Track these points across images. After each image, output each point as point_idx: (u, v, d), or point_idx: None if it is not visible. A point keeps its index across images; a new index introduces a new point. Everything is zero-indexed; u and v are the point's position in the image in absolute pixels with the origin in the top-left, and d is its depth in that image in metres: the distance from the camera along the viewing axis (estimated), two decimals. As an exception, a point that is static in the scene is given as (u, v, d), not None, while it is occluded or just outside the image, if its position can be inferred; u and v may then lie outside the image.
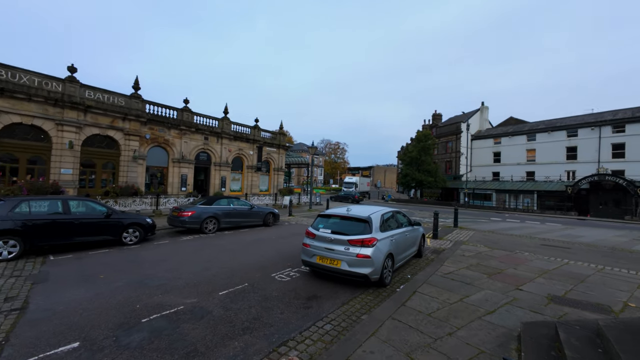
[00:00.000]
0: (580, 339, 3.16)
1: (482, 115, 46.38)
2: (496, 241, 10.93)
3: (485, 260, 7.87)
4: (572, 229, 16.75)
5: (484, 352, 3.43)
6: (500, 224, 17.74)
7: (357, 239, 5.59)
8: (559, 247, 10.15)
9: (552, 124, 36.82)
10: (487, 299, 5.13)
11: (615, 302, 5.06)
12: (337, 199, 37.74)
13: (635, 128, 30.06)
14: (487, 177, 41.32)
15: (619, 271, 7.14)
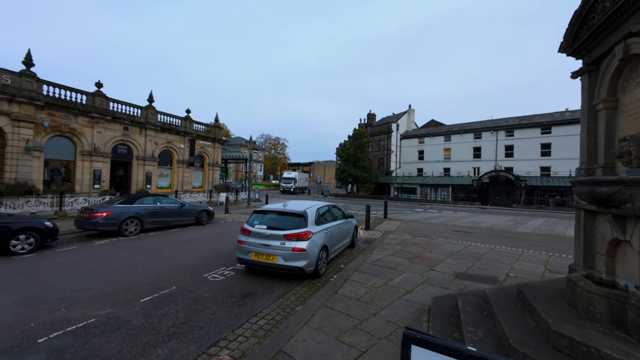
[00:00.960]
0: (473, 306, 3.85)
1: (409, 117, 51.28)
2: (418, 229, 12.35)
3: (408, 246, 8.85)
4: (475, 216, 19.94)
5: (402, 327, 3.90)
6: (422, 214, 20.05)
7: (293, 234, 5.70)
8: (465, 232, 12.01)
9: (463, 127, 42.83)
10: (407, 280, 5.80)
11: (500, 274, 6.26)
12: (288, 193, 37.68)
13: (521, 133, 37.08)
14: (413, 173, 46.02)
15: (505, 249, 8.82)
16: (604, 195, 2.80)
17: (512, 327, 2.93)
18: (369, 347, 3.38)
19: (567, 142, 31.87)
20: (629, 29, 2.70)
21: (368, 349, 3.33)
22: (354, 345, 3.42)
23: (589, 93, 3.46)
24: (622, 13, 2.73)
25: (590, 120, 3.44)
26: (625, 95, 3.04)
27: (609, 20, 2.91)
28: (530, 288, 3.66)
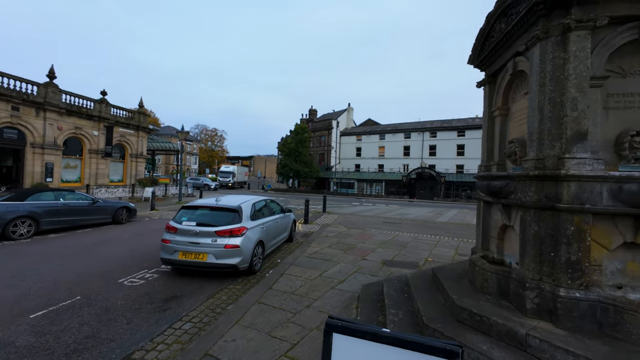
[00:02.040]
0: (396, 290, 4.20)
1: (348, 115, 53.47)
2: (353, 222, 13.02)
3: (344, 238, 9.25)
4: (404, 208, 21.98)
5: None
6: (358, 208, 21.23)
7: (226, 230, 5.41)
8: (394, 223, 13.12)
9: (395, 128, 46.53)
10: (341, 270, 6.06)
11: (421, 259, 7.01)
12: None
13: (443, 135, 42.02)
14: (351, 168, 48.31)
15: (426, 237, 9.91)
16: (496, 188, 3.32)
17: (425, 306, 3.29)
18: (300, 338, 3.41)
19: (477, 143, 37.29)
20: (517, 49, 3.22)
21: (299, 341, 3.36)
22: (285, 339, 3.41)
23: (489, 101, 4.05)
24: (513, 34, 3.24)
25: (489, 124, 4.03)
26: (514, 105, 3.64)
27: (504, 40, 3.42)
28: (442, 270, 4.17)
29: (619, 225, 2.53)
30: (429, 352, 1.55)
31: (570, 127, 2.61)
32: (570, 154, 2.59)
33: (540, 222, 2.73)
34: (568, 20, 2.60)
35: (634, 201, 2.39)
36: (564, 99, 2.65)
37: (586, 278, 2.52)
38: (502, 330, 2.59)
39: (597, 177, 2.51)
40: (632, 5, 2.51)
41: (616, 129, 2.66)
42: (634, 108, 2.65)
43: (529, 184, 2.85)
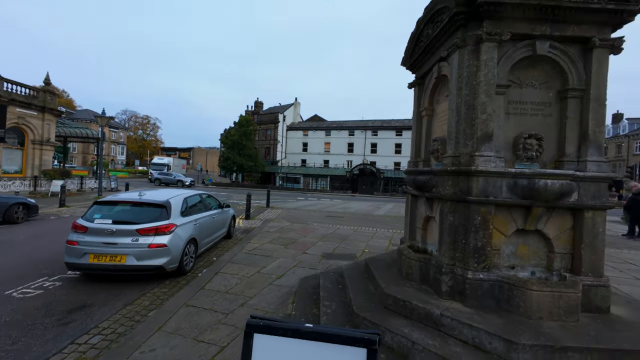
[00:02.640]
0: (331, 282, 4.28)
1: (295, 109, 53.21)
2: (297, 216, 13.02)
3: (286, 233, 9.16)
4: (346, 203, 22.86)
5: (268, 312, 3.94)
6: (303, 202, 21.37)
7: (150, 227, 4.85)
8: (337, 217, 13.53)
9: (340, 125, 47.95)
10: (280, 265, 5.97)
11: (358, 251, 7.33)
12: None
13: (383, 134, 44.75)
14: (298, 163, 48.35)
15: (365, 229, 10.43)
16: (421, 182, 3.59)
17: (357, 295, 3.41)
18: (231, 340, 3.23)
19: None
20: (441, 54, 3.49)
21: (229, 343, 3.18)
22: (214, 343, 3.19)
23: (418, 102, 4.36)
24: (438, 40, 3.51)
25: (417, 124, 4.34)
26: (438, 106, 3.97)
27: (430, 45, 3.69)
28: (374, 260, 4.39)
29: (513, 214, 2.95)
30: (348, 343, 1.56)
31: (480, 129, 2.93)
32: (480, 152, 2.92)
33: (455, 213, 3.03)
34: (480, 32, 2.89)
35: (524, 194, 2.80)
36: (476, 102, 2.96)
37: (488, 261, 2.88)
38: (422, 313, 2.81)
39: (499, 173, 2.87)
40: (528, 25, 2.91)
41: (514, 132, 3.08)
42: (527, 115, 3.10)
43: (447, 178, 3.14)
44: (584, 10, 2.77)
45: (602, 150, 2.94)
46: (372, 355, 1.51)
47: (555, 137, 3.06)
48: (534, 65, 3.07)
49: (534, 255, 3.05)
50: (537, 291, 2.61)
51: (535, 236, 3.02)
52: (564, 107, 3.01)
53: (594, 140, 2.90)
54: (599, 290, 2.82)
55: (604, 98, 2.92)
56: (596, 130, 2.91)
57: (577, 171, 2.85)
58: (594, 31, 2.88)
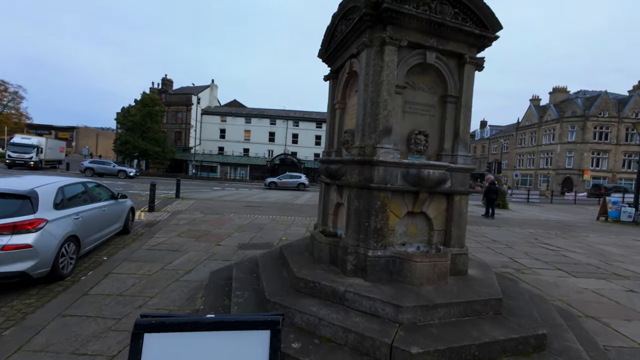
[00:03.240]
0: (245, 272, 4.19)
1: (212, 92, 49.07)
2: (211, 207, 12.19)
3: (198, 225, 8.48)
4: (266, 192, 22.60)
5: (172, 311, 3.60)
6: (219, 192, 20.13)
7: (5, 224, 3.78)
8: (255, 207, 13.25)
9: (261, 112, 46.65)
10: (190, 259, 5.51)
11: (276, 239, 7.38)
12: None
13: (304, 125, 45.56)
14: (214, 151, 45.05)
15: (283, 218, 10.54)
16: (333, 171, 3.82)
17: (269, 282, 3.43)
18: (123, 348, 2.83)
19: (331, 136, 43.02)
20: (352, 51, 3.72)
21: (120, 351, 2.78)
22: (100, 353, 2.74)
23: (332, 95, 4.57)
24: (350, 37, 3.72)
25: (331, 116, 4.56)
26: (349, 100, 4.24)
27: (344, 41, 3.89)
28: (288, 246, 4.49)
29: (405, 199, 3.43)
30: (252, 328, 1.56)
31: (382, 123, 3.27)
32: (381, 144, 3.27)
33: (360, 199, 3.33)
34: (384, 35, 3.20)
35: (414, 181, 3.29)
36: (379, 99, 3.28)
37: (385, 240, 3.30)
38: (329, 291, 3.03)
39: (396, 164, 3.28)
40: (421, 36, 3.36)
41: (408, 128, 3.55)
42: (418, 114, 3.61)
43: (354, 167, 3.41)
44: (459, 30, 3.36)
45: (468, 147, 3.68)
46: (275, 335, 1.55)
47: (437, 134, 3.67)
48: (425, 71, 3.59)
49: (420, 233, 3.64)
50: (420, 262, 3.13)
51: (421, 217, 3.60)
52: (444, 110, 3.63)
53: (463, 138, 3.60)
54: (462, 257, 3.57)
55: (470, 105, 3.64)
56: (465, 131, 3.62)
57: (451, 163, 3.49)
58: (466, 49, 3.53)
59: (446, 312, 2.79)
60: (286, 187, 27.76)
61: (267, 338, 1.54)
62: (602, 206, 15.13)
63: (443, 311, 2.78)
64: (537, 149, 44.37)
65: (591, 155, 38.94)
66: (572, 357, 2.61)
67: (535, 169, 44.57)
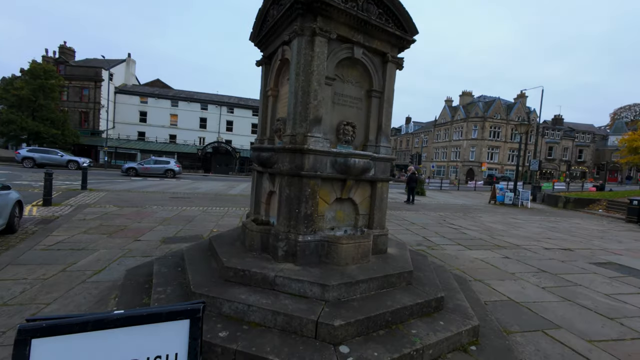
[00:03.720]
0: (169, 266, 3.90)
1: (128, 67, 42.66)
2: (129, 199, 10.81)
3: (111, 220, 7.45)
4: (196, 183, 21.03)
5: (77, 316, 3.15)
6: (140, 183, 17.92)
7: None
8: (183, 198, 12.24)
9: (191, 96, 42.67)
10: (100, 258, 4.84)
11: (206, 231, 6.99)
12: None
13: (239, 112, 43.39)
14: (133, 136, 39.68)
15: (215, 209, 10.01)
16: (264, 158, 3.79)
17: (196, 274, 3.27)
18: (7, 364, 2.37)
19: (268, 125, 42.00)
20: (284, 38, 3.69)
21: (3, 368, 2.33)
22: (-28, 376, 2.25)
23: (265, 81, 4.47)
24: (282, 23, 3.68)
25: (264, 103, 4.48)
26: (282, 88, 4.22)
27: (276, 26, 3.83)
28: (219, 237, 4.32)
29: (334, 186, 3.63)
30: (169, 319, 1.49)
31: (312, 112, 3.37)
32: (311, 133, 3.36)
33: (291, 186, 3.40)
34: (315, 26, 3.26)
35: (342, 169, 3.50)
36: (310, 89, 3.35)
37: (315, 225, 3.46)
38: (259, 278, 3.06)
39: (325, 152, 3.43)
40: (349, 31, 3.53)
41: (337, 118, 3.73)
42: (347, 106, 3.82)
43: (285, 155, 3.45)
44: (383, 30, 3.64)
45: (389, 139, 4.07)
46: (195, 324, 1.51)
47: (364, 126, 3.95)
48: (353, 66, 3.79)
49: (347, 217, 3.91)
50: (346, 244, 3.38)
51: (348, 203, 3.87)
52: (369, 104, 3.92)
53: (385, 131, 3.95)
54: (382, 238, 3.99)
55: (392, 100, 4.01)
56: (387, 124, 3.98)
57: (374, 153, 3.82)
58: (388, 49, 3.85)
59: (367, 287, 3.10)
60: (149, 174, 24.41)
61: (187, 328, 1.50)
62: (492, 192, 18.49)
63: (364, 286, 3.08)
64: (449, 144, 51.33)
65: (487, 150, 46.87)
66: (461, 312, 3.20)
67: (448, 161, 51.60)
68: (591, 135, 56.55)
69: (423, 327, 2.83)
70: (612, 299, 4.42)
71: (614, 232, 10.42)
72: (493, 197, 18.19)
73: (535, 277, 5.17)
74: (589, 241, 8.53)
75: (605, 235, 9.76)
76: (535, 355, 2.89)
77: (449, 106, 53.65)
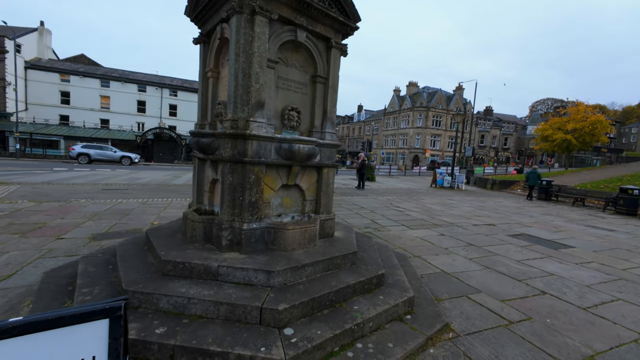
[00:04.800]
0: (97, 265, 3.51)
1: (42, 38, 36.17)
2: (49, 193, 9.39)
3: (25, 217, 6.41)
4: (136, 173, 19.10)
5: (-23, 330, 2.68)
6: (64, 174, 15.66)
7: None
8: (119, 190, 11.04)
9: (125, 75, 38.03)
10: (10, 261, 4.16)
11: (146, 224, 6.43)
12: None
13: (184, 95, 40.07)
14: (53, 120, 34.25)
15: (157, 201, 9.24)
16: (205, 144, 3.57)
17: (129, 271, 3.01)
18: None
19: (217, 110, 39.60)
20: (222, 15, 3.44)
21: None
22: None
23: (204, 61, 4.16)
24: (219, -2, 3.41)
25: (204, 85, 4.18)
26: (223, 69, 3.97)
27: (213, 1, 3.54)
28: (157, 230, 4.02)
29: (280, 172, 3.59)
30: (83, 320, 1.35)
31: (254, 96, 3.24)
32: (254, 118, 3.25)
33: (234, 173, 3.27)
34: (254, 4, 3.09)
35: (287, 155, 3.47)
36: (251, 71, 3.21)
37: (260, 213, 3.40)
38: (201, 270, 2.93)
39: (269, 138, 3.35)
40: (291, 12, 3.42)
41: (282, 103, 3.66)
42: (292, 91, 3.76)
43: (227, 141, 3.29)
44: (326, 14, 3.61)
45: (334, 125, 4.12)
46: (116, 323, 1.39)
47: (309, 112, 3.94)
48: (297, 49, 3.72)
49: (294, 203, 3.92)
50: (292, 230, 3.41)
51: (295, 189, 3.87)
52: (315, 90, 3.91)
53: (330, 117, 4.00)
54: (329, 222, 4.10)
55: (337, 86, 4.05)
56: (332, 110, 4.02)
57: (320, 139, 3.85)
58: (332, 34, 3.85)
59: (312, 270, 3.19)
60: (105, 160, 25.14)
61: (106, 328, 1.37)
62: (433, 176, 20.23)
63: (310, 269, 3.16)
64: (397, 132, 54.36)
65: (431, 138, 50.79)
66: (399, 286, 3.49)
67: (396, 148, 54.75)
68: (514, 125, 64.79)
69: (364, 303, 3.02)
70: (522, 264, 5.22)
71: (527, 209, 12.24)
72: (434, 181, 19.90)
73: (464, 250, 5.85)
74: (508, 217, 9.90)
75: (521, 211, 11.41)
76: (459, 317, 3.30)
77: (397, 96, 56.46)
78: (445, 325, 3.08)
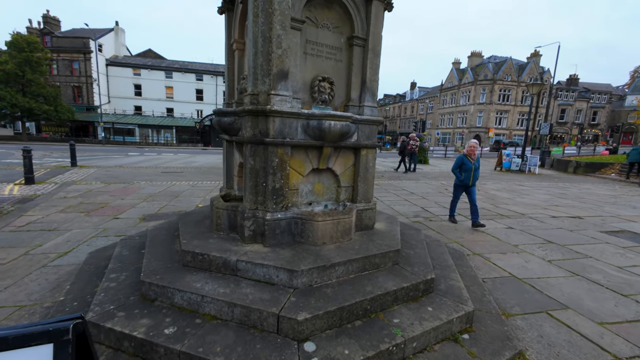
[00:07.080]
0: (132, 248, 3.53)
1: (117, 37, 40.54)
2: (119, 175, 10.46)
3: (93, 197, 7.13)
4: (193, 157, 20.59)
5: (24, 307, 2.84)
6: (134, 158, 17.55)
7: None
8: (175, 173, 11.85)
9: (185, 66, 40.85)
10: (70, 239, 4.52)
11: (192, 206, 6.62)
12: None
13: (236, 81, 41.66)
14: (129, 110, 38.75)
15: (206, 184, 9.62)
16: (226, 124, 3.23)
17: (152, 259, 2.89)
18: None
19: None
20: (241, -29, 2.95)
21: None
22: None
23: (229, 32, 3.77)
24: (236, -49, 2.92)
25: (229, 59, 3.82)
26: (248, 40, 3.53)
27: (231, -44, 3.06)
28: (188, 215, 3.92)
29: (309, 154, 3.10)
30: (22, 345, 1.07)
31: (276, 65, 2.74)
32: (276, 91, 2.77)
33: (255, 156, 2.88)
34: (273, -53, 2.52)
35: (315, 134, 2.94)
36: (272, 34, 2.70)
37: (287, 201, 2.98)
38: (220, 263, 2.66)
39: (295, 114, 2.85)
40: (321, -45, 2.77)
41: (311, 73, 3.10)
42: (323, 57, 3.16)
43: (247, 119, 2.89)
44: (364, -46, 2.86)
45: (376, 97, 3.43)
46: (62, 349, 1.09)
47: (344, 82, 3.31)
48: (329, 5, 3.08)
49: (327, 190, 3.42)
50: (322, 221, 2.93)
51: (328, 174, 3.36)
52: (351, 55, 3.25)
53: (370, 87, 3.32)
54: (368, 212, 3.52)
55: (378, 50, 3.32)
56: (372, 79, 3.32)
57: (357, 114, 3.22)
58: (373, -18, 3.09)
59: (344, 270, 2.69)
60: None
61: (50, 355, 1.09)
62: (498, 158, 17.72)
63: (341, 269, 2.67)
64: (456, 109, 49.25)
65: (496, 115, 44.93)
66: (454, 294, 2.81)
67: (454, 127, 49.87)
68: (607, 95, 53.55)
69: (407, 316, 2.44)
70: (626, 272, 4.00)
71: (627, 197, 9.85)
72: (499, 163, 17.46)
73: (541, 249, 4.74)
74: (600, 207, 8.01)
75: (617, 200, 9.20)
76: (538, 343, 2.51)
77: (457, 69, 50.66)
78: (518, 353, 2.35)
